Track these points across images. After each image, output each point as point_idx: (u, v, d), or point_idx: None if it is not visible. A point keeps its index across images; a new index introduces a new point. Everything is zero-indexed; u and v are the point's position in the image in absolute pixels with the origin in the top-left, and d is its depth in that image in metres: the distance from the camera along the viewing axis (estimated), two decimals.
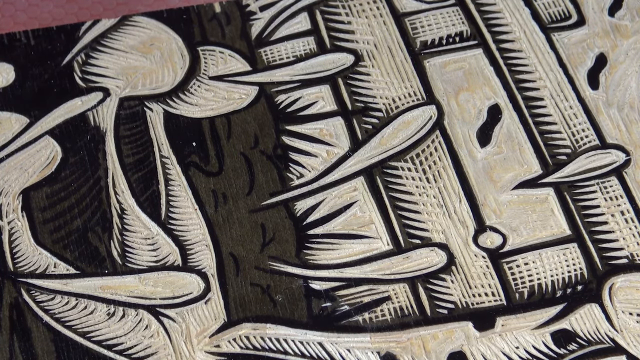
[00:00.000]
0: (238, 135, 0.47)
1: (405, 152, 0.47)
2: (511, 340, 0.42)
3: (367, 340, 0.42)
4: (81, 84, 0.49)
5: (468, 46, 0.51)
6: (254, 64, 0.50)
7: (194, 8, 0.52)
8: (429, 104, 0.49)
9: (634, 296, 0.43)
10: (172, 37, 0.51)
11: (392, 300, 0.43)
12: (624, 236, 0.45)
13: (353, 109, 0.49)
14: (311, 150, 0.47)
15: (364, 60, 0.50)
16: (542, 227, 0.45)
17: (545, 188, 0.46)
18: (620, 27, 0.52)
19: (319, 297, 0.43)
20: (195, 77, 0.49)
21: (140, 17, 0.51)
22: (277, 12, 0.52)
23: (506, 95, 0.49)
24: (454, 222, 0.45)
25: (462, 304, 0.43)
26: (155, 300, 0.43)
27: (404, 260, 0.44)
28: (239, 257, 0.44)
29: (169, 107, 0.48)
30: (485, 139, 0.48)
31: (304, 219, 0.45)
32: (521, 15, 0.52)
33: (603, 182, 0.47)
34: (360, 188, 0.46)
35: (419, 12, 0.52)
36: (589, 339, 0.42)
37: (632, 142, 0.48)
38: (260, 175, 0.46)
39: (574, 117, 0.49)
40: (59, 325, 0.42)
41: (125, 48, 0.50)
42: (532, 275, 0.44)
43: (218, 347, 0.42)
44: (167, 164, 0.46)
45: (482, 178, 0.47)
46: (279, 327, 0.42)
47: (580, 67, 0.51)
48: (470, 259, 0.44)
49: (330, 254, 0.44)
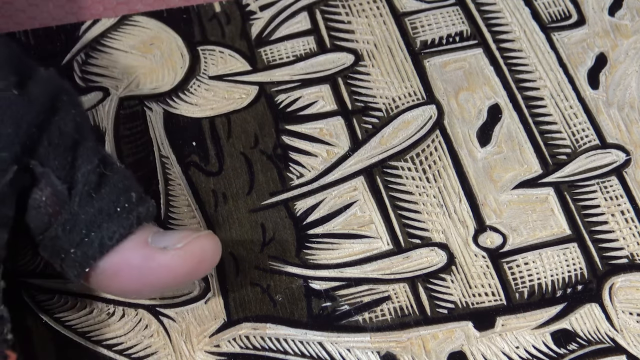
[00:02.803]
0: (238, 135, 0.47)
1: (405, 152, 0.47)
2: (511, 340, 0.42)
3: (367, 340, 0.42)
4: (81, 83, 0.48)
5: (468, 46, 0.51)
6: (254, 63, 0.50)
7: (194, 8, 0.52)
8: (429, 103, 0.49)
9: (634, 296, 0.43)
10: (172, 36, 0.51)
11: (392, 300, 0.43)
12: (624, 236, 0.45)
13: (353, 108, 0.49)
14: (311, 150, 0.47)
15: (364, 59, 0.50)
16: (542, 227, 0.45)
17: (545, 188, 0.46)
18: (620, 26, 0.52)
19: (319, 297, 0.43)
20: (195, 76, 0.49)
21: (140, 17, 0.51)
22: (277, 11, 0.52)
23: (506, 95, 0.49)
24: (454, 222, 0.45)
25: (462, 304, 0.43)
26: (155, 300, 0.43)
27: (404, 260, 0.44)
28: (239, 256, 0.44)
29: (169, 106, 0.48)
30: (485, 138, 0.48)
31: (304, 219, 0.45)
32: (521, 14, 0.52)
33: (603, 182, 0.47)
34: (360, 188, 0.46)
35: (419, 11, 0.52)
36: (589, 339, 0.42)
37: (632, 141, 0.48)
38: (260, 175, 0.46)
39: (574, 117, 0.49)
40: (59, 325, 0.42)
41: (125, 48, 0.50)
42: (532, 275, 0.44)
43: (218, 347, 0.42)
44: (166, 164, 0.46)
45: (482, 178, 0.47)
46: (279, 326, 0.42)
47: (580, 66, 0.51)
48: (470, 258, 0.44)
49: (330, 254, 0.44)
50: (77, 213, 0.35)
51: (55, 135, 0.35)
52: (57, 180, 0.35)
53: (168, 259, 0.36)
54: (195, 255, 0.37)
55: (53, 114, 0.36)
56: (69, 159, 0.36)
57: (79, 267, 0.36)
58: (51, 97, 0.36)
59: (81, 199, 0.35)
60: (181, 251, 0.36)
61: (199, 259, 0.37)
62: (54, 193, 0.35)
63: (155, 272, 0.36)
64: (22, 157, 0.34)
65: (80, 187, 0.35)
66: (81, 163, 0.36)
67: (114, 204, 0.36)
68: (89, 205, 0.35)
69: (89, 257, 0.36)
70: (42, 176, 0.35)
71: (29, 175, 0.35)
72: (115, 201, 0.36)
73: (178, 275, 0.37)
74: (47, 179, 0.35)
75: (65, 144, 0.36)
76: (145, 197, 0.37)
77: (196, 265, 0.37)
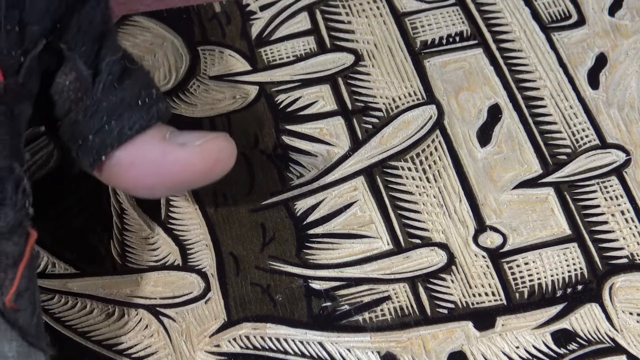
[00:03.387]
0: (238, 135, 0.47)
1: (405, 152, 0.47)
2: (511, 340, 0.42)
3: (367, 339, 0.42)
4: None
5: (468, 46, 0.51)
6: (254, 63, 0.50)
7: (194, 8, 0.52)
8: (429, 103, 0.49)
9: (634, 296, 0.43)
10: (172, 36, 0.51)
11: (392, 300, 0.43)
12: (624, 236, 0.45)
13: (353, 108, 0.49)
14: (311, 150, 0.47)
15: (364, 59, 0.50)
16: (542, 227, 0.45)
17: (545, 188, 0.46)
18: (620, 26, 0.52)
19: (319, 297, 0.43)
20: (195, 76, 0.49)
21: (140, 17, 0.51)
22: (277, 11, 0.52)
23: (506, 95, 0.49)
24: (454, 222, 0.45)
25: (462, 304, 0.43)
26: (155, 300, 0.43)
27: (404, 259, 0.44)
28: (239, 256, 0.44)
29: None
30: (486, 138, 0.48)
31: (304, 219, 0.45)
32: (521, 14, 0.52)
33: (603, 182, 0.47)
34: (360, 188, 0.46)
35: (419, 11, 0.52)
36: (589, 339, 0.42)
37: (632, 141, 0.48)
38: (260, 175, 0.46)
39: (574, 117, 0.49)
40: (59, 325, 0.42)
41: (125, 48, 0.50)
42: (532, 275, 0.44)
43: (218, 347, 0.42)
44: None
45: (482, 178, 0.47)
46: (279, 326, 0.42)
47: (580, 66, 0.51)
48: (471, 258, 0.44)
49: (330, 254, 0.44)
50: (100, 100, 0.35)
51: (85, 22, 0.35)
52: (83, 66, 0.35)
53: (186, 155, 0.36)
54: (213, 153, 0.37)
55: (84, 0, 0.36)
56: (95, 48, 0.36)
57: (95, 154, 0.36)
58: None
59: (104, 87, 0.36)
60: (199, 148, 0.37)
61: (216, 158, 0.37)
62: (77, 78, 0.35)
63: (172, 167, 0.37)
64: (50, 34, 0.34)
65: (104, 76, 0.36)
66: (106, 53, 0.36)
67: (136, 96, 0.36)
68: (112, 94, 0.36)
69: (107, 145, 0.36)
70: (68, 60, 0.35)
71: (55, 57, 0.35)
72: (137, 93, 0.36)
73: (194, 173, 0.37)
74: (73, 63, 0.35)
75: (93, 32, 0.36)
76: (163, 96, 0.38)
77: (213, 164, 0.37)
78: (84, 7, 0.36)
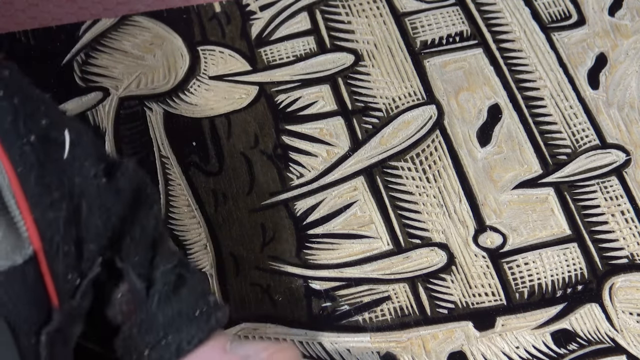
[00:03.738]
0: (238, 135, 0.47)
1: (405, 152, 0.47)
2: (511, 340, 0.42)
3: (367, 340, 0.42)
4: (81, 83, 0.48)
5: (468, 46, 0.51)
6: (254, 63, 0.50)
7: (194, 8, 0.52)
8: (429, 103, 0.49)
9: (634, 296, 0.43)
10: (172, 36, 0.51)
11: (392, 300, 0.43)
12: (624, 236, 0.45)
13: (353, 108, 0.49)
14: (311, 150, 0.47)
15: (364, 60, 0.50)
16: (542, 227, 0.45)
17: (545, 188, 0.46)
18: (620, 26, 0.52)
19: (319, 297, 0.43)
20: (195, 76, 0.49)
21: (140, 17, 0.51)
22: (277, 11, 0.52)
23: (506, 95, 0.49)
24: (454, 222, 0.45)
25: (462, 304, 0.43)
26: None
27: (404, 260, 0.44)
28: (239, 257, 0.44)
29: (169, 107, 0.48)
30: (486, 138, 0.48)
31: (304, 219, 0.45)
32: (521, 15, 0.52)
33: (603, 182, 0.47)
34: (360, 188, 0.46)
35: (419, 11, 0.52)
36: (589, 339, 0.42)
37: (632, 141, 0.48)
38: (260, 175, 0.46)
39: (574, 117, 0.49)
40: None
41: (125, 48, 0.50)
42: (532, 275, 0.44)
43: None
44: (167, 164, 0.46)
45: (482, 178, 0.47)
46: (279, 326, 0.42)
47: (580, 66, 0.51)
48: (470, 258, 0.44)
49: (330, 254, 0.44)
50: (155, 314, 0.33)
51: (138, 231, 0.33)
52: (137, 278, 0.33)
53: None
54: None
55: (137, 208, 0.34)
56: (148, 257, 0.34)
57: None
58: (135, 189, 0.34)
59: (160, 300, 0.33)
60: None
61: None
62: (130, 290, 0.33)
63: None
64: (106, 250, 0.32)
65: (159, 287, 0.34)
66: (159, 261, 0.34)
67: (193, 307, 0.34)
68: (168, 307, 0.34)
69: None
70: (121, 272, 0.33)
71: (106, 269, 0.33)
72: (194, 303, 0.34)
73: None
74: (127, 276, 0.33)
75: (146, 240, 0.34)
76: (220, 302, 0.36)
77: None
78: (137, 213, 0.33)
